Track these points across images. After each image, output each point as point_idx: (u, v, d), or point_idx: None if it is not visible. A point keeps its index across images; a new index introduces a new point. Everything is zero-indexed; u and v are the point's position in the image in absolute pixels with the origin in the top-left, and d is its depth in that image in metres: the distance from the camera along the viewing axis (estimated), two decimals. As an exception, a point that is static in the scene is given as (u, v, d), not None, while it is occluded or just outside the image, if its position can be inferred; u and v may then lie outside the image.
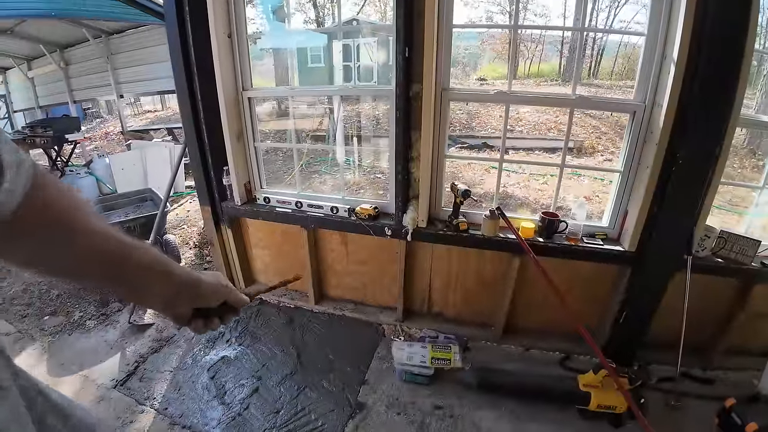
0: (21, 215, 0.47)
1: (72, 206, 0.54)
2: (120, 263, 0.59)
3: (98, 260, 0.57)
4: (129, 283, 0.62)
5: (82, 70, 6.75)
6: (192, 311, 0.71)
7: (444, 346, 2.19)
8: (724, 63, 1.63)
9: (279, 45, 11.32)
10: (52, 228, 0.52)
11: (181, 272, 0.67)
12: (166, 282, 0.65)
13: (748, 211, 2.39)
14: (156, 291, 0.65)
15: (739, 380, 2.20)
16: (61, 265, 0.56)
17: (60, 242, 0.53)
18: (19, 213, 0.47)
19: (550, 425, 1.91)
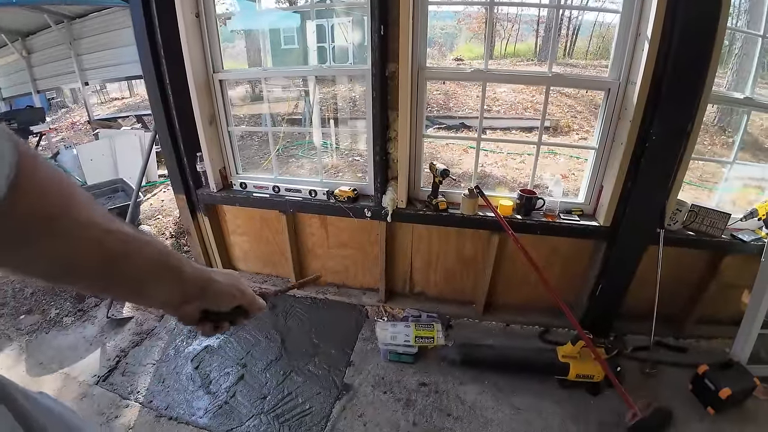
0: (4, 211, 0.37)
1: (67, 195, 0.45)
2: (122, 259, 0.50)
3: (98, 258, 0.48)
4: (131, 281, 0.53)
5: (45, 58, 6.42)
6: (200, 313, 0.63)
7: (427, 324, 2.22)
8: (697, 41, 1.66)
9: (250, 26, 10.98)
10: (43, 223, 0.42)
11: (190, 269, 0.59)
12: (172, 280, 0.57)
13: (718, 186, 2.47)
14: (160, 290, 0.57)
15: (711, 348, 2.31)
16: (55, 265, 0.46)
17: (53, 239, 0.43)
18: (2, 209, 0.37)
19: (532, 396, 1.97)
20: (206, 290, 0.61)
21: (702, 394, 1.93)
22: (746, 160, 3.85)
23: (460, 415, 1.88)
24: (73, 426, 0.66)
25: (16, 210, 0.38)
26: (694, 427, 1.83)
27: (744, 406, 1.91)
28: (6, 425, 0.45)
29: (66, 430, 0.63)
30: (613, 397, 1.92)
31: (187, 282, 0.59)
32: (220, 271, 0.66)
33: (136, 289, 0.55)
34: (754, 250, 2.05)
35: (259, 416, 1.89)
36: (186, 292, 0.59)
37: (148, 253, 0.53)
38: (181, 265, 0.58)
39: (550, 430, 1.82)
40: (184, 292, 0.59)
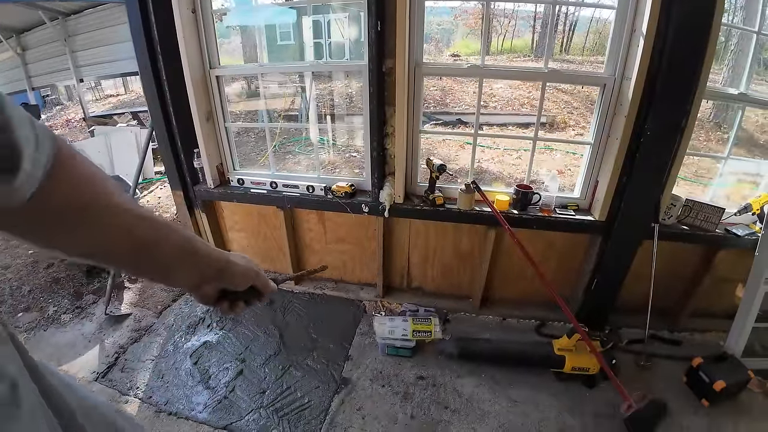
0: (43, 198, 0.42)
1: (100, 183, 0.48)
2: (152, 246, 0.55)
3: (128, 245, 0.52)
4: (159, 265, 0.58)
5: (40, 55, 6.36)
6: (219, 292, 0.68)
7: (424, 318, 2.24)
8: (691, 37, 1.67)
9: (246, 22, 10.94)
10: (78, 210, 0.46)
11: (211, 253, 0.63)
12: (195, 263, 0.61)
13: (713, 181, 2.49)
14: (185, 273, 0.61)
15: (705, 341, 2.34)
16: (87, 249, 0.51)
17: (87, 225, 0.47)
18: (41, 196, 0.41)
19: (528, 389, 1.99)
20: (224, 272, 0.65)
21: (696, 387, 1.95)
22: (741, 155, 3.88)
23: (457, 407, 1.90)
24: (112, 421, 0.68)
25: (52, 198, 0.42)
26: (689, 418, 1.85)
27: (738, 399, 1.93)
28: (30, 400, 0.46)
29: (102, 422, 0.65)
30: (608, 389, 1.94)
31: (208, 265, 0.63)
32: (237, 254, 0.70)
33: (164, 272, 0.60)
34: (747, 244, 2.07)
35: (258, 410, 1.90)
36: (206, 273, 0.64)
37: (174, 239, 0.57)
38: (204, 249, 0.62)
39: (547, 422, 1.84)
40: (205, 274, 0.63)
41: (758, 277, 1.97)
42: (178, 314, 2.57)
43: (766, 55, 8.19)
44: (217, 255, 0.64)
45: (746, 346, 2.06)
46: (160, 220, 0.56)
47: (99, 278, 2.99)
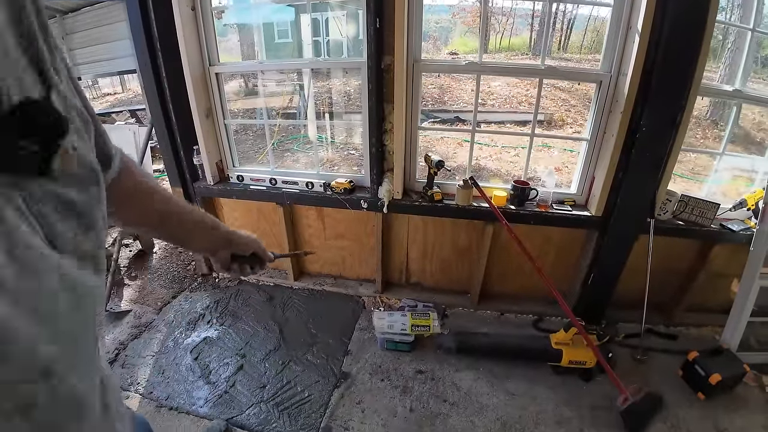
0: (116, 184, 0.66)
1: (145, 178, 0.76)
2: (175, 218, 0.81)
3: (158, 216, 0.78)
4: (180, 232, 0.84)
5: (36, 52, 6.35)
6: (230, 257, 0.90)
7: (423, 313, 2.26)
8: (686, 33, 1.69)
9: (244, 20, 10.89)
10: (131, 192, 0.72)
11: (219, 225, 0.87)
12: (210, 234, 0.86)
13: (708, 178, 2.52)
14: (200, 239, 0.86)
15: (701, 336, 2.36)
16: (134, 218, 0.76)
17: (135, 201, 0.74)
18: (116, 183, 0.66)
19: (526, 382, 2.02)
20: (232, 240, 0.89)
21: (692, 380, 1.98)
22: (738, 153, 3.91)
23: (456, 401, 1.92)
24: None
25: (120, 184, 0.67)
26: (685, 411, 1.87)
27: (734, 392, 1.95)
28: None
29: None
30: (604, 382, 1.97)
31: (218, 235, 0.87)
32: (242, 231, 0.92)
33: (185, 238, 0.86)
34: (742, 239, 2.10)
35: (258, 405, 1.92)
36: (217, 241, 0.87)
37: (191, 215, 0.83)
38: (212, 222, 0.87)
39: (544, 414, 1.86)
40: (216, 241, 0.87)
41: (753, 271, 1.99)
42: (178, 311, 2.59)
43: (763, 53, 8.24)
44: (224, 227, 0.88)
45: (742, 341, 2.08)
46: (181, 201, 0.82)
47: (99, 275, 3.00)
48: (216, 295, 2.72)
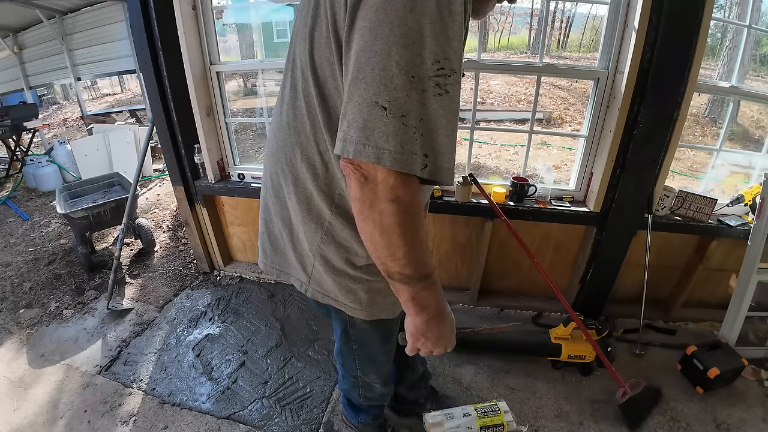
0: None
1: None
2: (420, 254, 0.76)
3: (414, 243, 0.73)
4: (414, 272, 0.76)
5: (37, 53, 6.32)
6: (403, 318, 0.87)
7: (490, 409, 2.20)
8: (682, 30, 1.71)
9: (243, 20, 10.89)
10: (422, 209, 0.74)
11: (442, 301, 0.85)
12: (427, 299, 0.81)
13: (706, 174, 2.54)
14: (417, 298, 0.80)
15: (699, 331, 2.38)
16: (413, 237, 0.72)
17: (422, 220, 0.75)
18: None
19: (525, 377, 2.04)
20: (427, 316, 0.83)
21: (691, 374, 1.99)
22: (737, 150, 3.93)
23: (456, 396, 1.94)
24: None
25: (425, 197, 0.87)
26: (683, 404, 1.89)
27: (732, 386, 1.97)
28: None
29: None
30: (603, 376, 1.99)
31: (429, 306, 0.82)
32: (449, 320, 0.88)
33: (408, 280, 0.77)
34: (740, 234, 2.12)
35: (260, 400, 1.94)
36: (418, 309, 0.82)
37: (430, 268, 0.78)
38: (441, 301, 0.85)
39: (544, 408, 1.88)
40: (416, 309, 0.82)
41: (750, 266, 2.01)
42: (180, 308, 2.60)
43: (762, 50, 8.26)
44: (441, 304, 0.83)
45: (740, 335, 2.10)
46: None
47: (100, 274, 3.02)
48: (217, 292, 2.74)
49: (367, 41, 0.64)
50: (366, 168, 0.66)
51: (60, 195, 3.22)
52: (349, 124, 0.66)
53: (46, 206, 4.43)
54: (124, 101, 11.93)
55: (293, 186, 0.95)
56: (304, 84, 0.85)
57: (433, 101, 0.65)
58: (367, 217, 0.70)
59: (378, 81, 0.63)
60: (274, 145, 0.99)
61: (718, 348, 2.01)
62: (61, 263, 3.19)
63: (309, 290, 1.04)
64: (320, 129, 0.86)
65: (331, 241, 0.95)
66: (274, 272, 1.11)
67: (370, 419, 1.62)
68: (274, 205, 1.03)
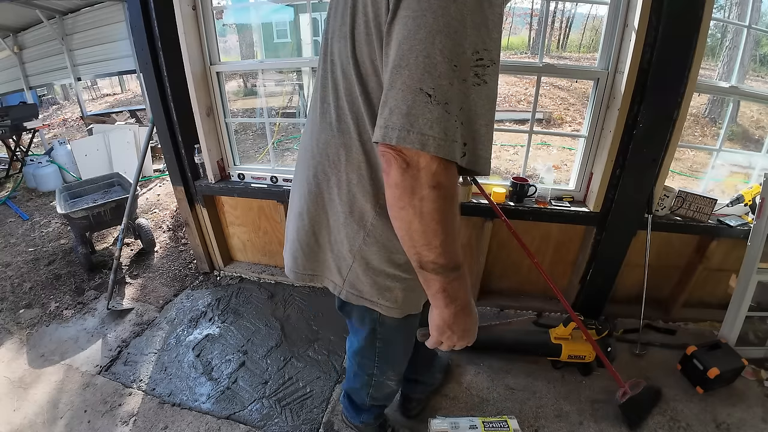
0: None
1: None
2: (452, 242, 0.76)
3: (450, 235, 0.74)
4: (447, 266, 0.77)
5: (37, 54, 6.33)
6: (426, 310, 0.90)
7: (498, 425, 2.21)
8: (682, 30, 1.71)
9: (243, 20, 10.89)
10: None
11: (467, 299, 0.85)
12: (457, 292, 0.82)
13: (706, 174, 2.54)
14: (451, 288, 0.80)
15: (699, 331, 2.38)
16: (448, 224, 0.72)
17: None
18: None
19: (525, 376, 2.04)
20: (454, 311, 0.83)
21: (691, 374, 1.99)
22: (736, 150, 3.93)
23: (456, 395, 1.94)
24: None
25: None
26: (683, 404, 1.89)
27: (732, 386, 1.97)
28: None
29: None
30: (603, 376, 1.99)
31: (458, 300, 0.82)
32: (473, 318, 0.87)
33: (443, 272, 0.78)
34: (740, 234, 2.11)
35: (260, 400, 1.94)
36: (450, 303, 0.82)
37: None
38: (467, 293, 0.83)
39: (544, 408, 1.88)
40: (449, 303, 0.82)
41: (750, 266, 2.01)
42: (180, 308, 2.60)
43: (762, 51, 8.26)
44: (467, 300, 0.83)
45: (740, 335, 2.10)
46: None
47: (100, 274, 3.02)
48: (217, 292, 2.74)
49: (410, 30, 0.65)
50: (408, 154, 0.67)
51: (60, 195, 3.22)
52: (391, 111, 0.66)
53: (46, 206, 4.43)
54: (124, 101, 11.94)
55: (336, 188, 0.95)
56: (345, 84, 0.86)
57: (472, 90, 0.67)
58: (406, 204, 0.70)
59: (422, 68, 0.64)
60: (314, 148, 0.98)
61: (718, 348, 2.01)
62: (61, 263, 3.20)
63: (343, 292, 1.05)
64: (365, 128, 0.87)
65: (373, 241, 0.96)
66: (307, 278, 1.10)
67: (371, 418, 1.62)
68: (310, 211, 1.02)
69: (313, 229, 1.04)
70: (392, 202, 0.72)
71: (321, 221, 1.02)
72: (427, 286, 0.79)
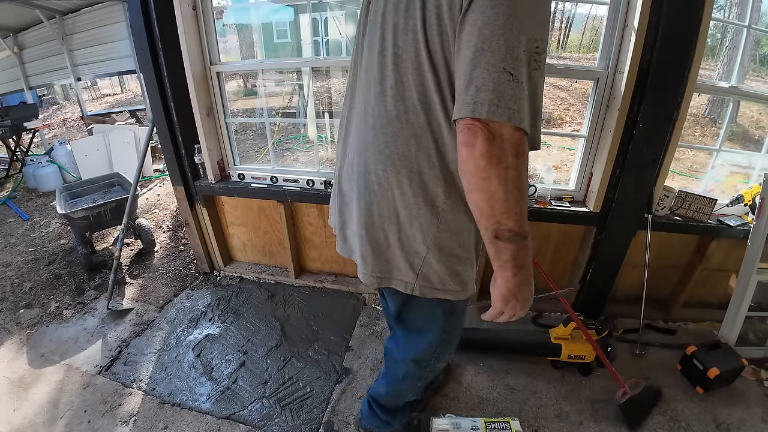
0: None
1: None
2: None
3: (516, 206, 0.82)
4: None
5: (37, 54, 6.33)
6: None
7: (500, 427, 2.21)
8: (682, 30, 1.70)
9: (243, 20, 10.89)
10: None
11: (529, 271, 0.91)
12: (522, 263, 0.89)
13: (706, 174, 2.54)
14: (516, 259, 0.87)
15: (699, 331, 2.38)
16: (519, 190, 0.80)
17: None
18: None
19: (525, 376, 2.04)
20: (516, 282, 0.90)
21: (691, 374, 1.99)
22: (736, 150, 3.93)
23: (456, 395, 1.94)
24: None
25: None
26: (683, 404, 1.89)
27: (732, 386, 1.97)
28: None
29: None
30: (603, 376, 1.99)
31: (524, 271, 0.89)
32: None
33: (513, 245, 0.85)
34: (740, 234, 2.11)
35: (261, 400, 1.94)
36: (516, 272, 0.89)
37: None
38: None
39: (544, 408, 1.88)
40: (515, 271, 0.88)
41: (750, 266, 2.01)
42: (180, 308, 2.60)
43: (762, 51, 8.26)
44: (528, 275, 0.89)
45: (740, 335, 2.10)
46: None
47: (100, 274, 3.02)
48: (217, 293, 2.74)
49: (489, 17, 0.73)
50: (494, 126, 0.74)
51: (60, 195, 3.22)
52: (478, 88, 0.74)
53: (46, 206, 4.43)
54: (124, 101, 11.94)
55: (407, 179, 0.96)
56: (415, 75, 0.90)
57: (533, 74, 0.77)
58: (491, 174, 0.76)
59: (504, 50, 0.73)
60: (379, 143, 0.98)
61: (718, 348, 2.01)
62: (61, 263, 3.20)
63: (416, 288, 1.06)
64: (434, 116, 0.91)
65: (445, 227, 0.99)
66: (376, 280, 1.10)
67: (407, 416, 1.64)
68: (380, 207, 1.02)
69: (382, 226, 1.04)
70: (475, 174, 0.78)
71: (391, 217, 1.02)
72: (498, 257, 0.85)
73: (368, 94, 1.00)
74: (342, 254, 1.18)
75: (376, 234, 1.05)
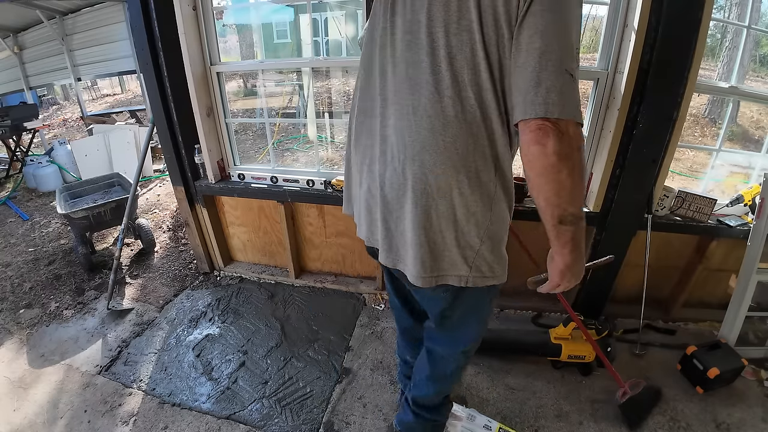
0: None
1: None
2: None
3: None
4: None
5: (37, 54, 6.33)
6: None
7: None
8: (682, 30, 1.70)
9: (243, 21, 10.88)
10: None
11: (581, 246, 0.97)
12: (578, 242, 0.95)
13: (705, 174, 2.54)
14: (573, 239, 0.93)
15: (699, 331, 2.38)
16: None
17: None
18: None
19: (525, 376, 2.04)
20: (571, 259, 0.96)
21: (691, 374, 1.99)
22: (737, 150, 3.93)
23: (456, 395, 1.94)
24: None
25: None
26: (683, 404, 1.89)
27: (732, 386, 1.97)
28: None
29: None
30: (603, 376, 1.99)
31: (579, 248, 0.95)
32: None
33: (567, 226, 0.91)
34: (739, 234, 2.11)
35: (261, 400, 1.94)
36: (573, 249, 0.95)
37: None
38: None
39: (544, 408, 1.88)
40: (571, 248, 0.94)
41: (750, 267, 2.01)
42: (180, 308, 2.60)
43: (762, 51, 8.26)
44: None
45: (740, 335, 2.10)
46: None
47: (100, 274, 3.02)
48: (217, 293, 2.74)
49: (548, 21, 0.81)
50: (562, 124, 0.81)
51: (60, 195, 3.22)
52: (548, 90, 0.80)
53: (46, 206, 4.43)
54: (124, 102, 11.93)
55: (466, 179, 0.99)
56: (471, 74, 0.93)
57: (577, 70, 0.85)
58: (563, 168, 0.82)
59: (565, 53, 0.81)
60: (438, 145, 0.98)
61: (717, 348, 2.01)
62: (61, 263, 3.20)
63: (470, 280, 1.09)
64: (488, 114, 0.95)
65: (497, 218, 1.04)
66: (432, 280, 1.11)
67: (450, 406, 1.69)
68: (437, 211, 1.03)
69: (440, 227, 1.05)
70: (547, 169, 0.83)
71: (449, 217, 1.03)
72: (558, 238, 0.91)
73: (417, 96, 0.98)
74: (386, 264, 1.17)
75: (434, 236, 1.06)
